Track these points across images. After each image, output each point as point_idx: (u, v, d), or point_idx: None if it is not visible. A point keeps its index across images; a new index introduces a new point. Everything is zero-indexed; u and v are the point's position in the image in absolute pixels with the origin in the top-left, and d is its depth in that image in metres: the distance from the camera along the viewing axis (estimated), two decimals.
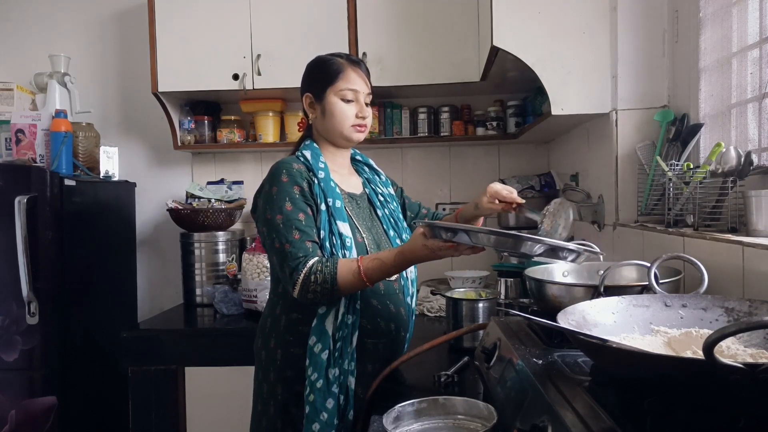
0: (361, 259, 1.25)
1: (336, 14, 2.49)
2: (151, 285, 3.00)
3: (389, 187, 1.58)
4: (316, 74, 1.45)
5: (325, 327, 1.30)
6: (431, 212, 1.68)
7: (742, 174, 1.29)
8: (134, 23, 2.93)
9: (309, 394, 1.28)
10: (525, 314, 0.91)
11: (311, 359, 1.28)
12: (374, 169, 1.59)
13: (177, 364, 2.20)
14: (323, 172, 1.37)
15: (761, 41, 1.37)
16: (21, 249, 2.14)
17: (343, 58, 1.45)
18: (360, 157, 1.59)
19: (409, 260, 1.22)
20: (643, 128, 1.79)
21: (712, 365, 0.58)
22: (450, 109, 2.73)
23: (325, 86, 1.41)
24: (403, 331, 1.42)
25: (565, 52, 1.84)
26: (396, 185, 1.66)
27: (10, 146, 2.51)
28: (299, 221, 1.29)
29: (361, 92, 1.43)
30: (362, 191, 1.51)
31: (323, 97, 1.42)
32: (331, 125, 1.42)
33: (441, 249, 1.16)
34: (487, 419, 0.91)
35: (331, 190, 1.36)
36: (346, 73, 1.41)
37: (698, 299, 0.95)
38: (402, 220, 1.54)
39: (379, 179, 1.57)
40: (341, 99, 1.40)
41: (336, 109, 1.40)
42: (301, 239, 1.27)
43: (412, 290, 1.47)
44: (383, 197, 1.52)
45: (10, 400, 2.18)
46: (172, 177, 2.98)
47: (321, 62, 1.45)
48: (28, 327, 2.19)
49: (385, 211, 1.50)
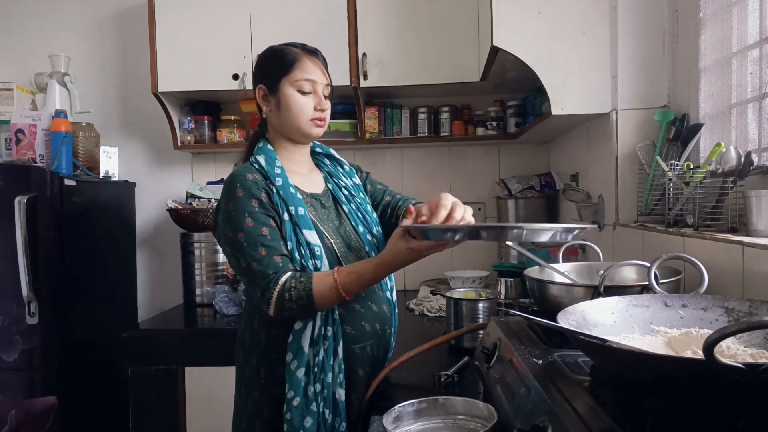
0: (337, 271, 1.18)
1: (336, 14, 2.49)
2: (151, 285, 3.00)
3: (353, 178, 1.47)
4: (270, 64, 1.35)
5: (301, 344, 1.23)
6: (396, 199, 1.52)
7: (742, 174, 1.29)
8: (134, 23, 2.93)
9: (286, 412, 1.21)
10: (525, 314, 0.91)
11: (288, 377, 1.22)
12: (336, 160, 1.48)
13: (177, 364, 2.19)
14: (280, 178, 1.28)
15: (761, 41, 1.37)
16: (21, 249, 2.14)
17: (298, 47, 1.36)
18: (320, 149, 1.48)
19: (391, 268, 1.17)
20: (643, 128, 1.79)
21: (712, 365, 0.58)
22: (450, 109, 2.73)
23: (279, 77, 1.32)
24: (388, 328, 1.36)
25: (565, 52, 1.84)
26: (361, 171, 1.54)
27: (10, 146, 2.51)
28: (263, 236, 1.21)
29: (319, 83, 1.33)
30: (324, 188, 1.41)
31: (278, 89, 1.32)
32: (288, 119, 1.32)
33: (430, 249, 1.11)
34: (487, 419, 0.91)
35: (292, 197, 1.27)
36: (302, 62, 1.32)
37: (698, 299, 0.95)
38: (371, 212, 1.43)
39: (342, 170, 1.46)
40: (297, 90, 1.31)
41: (292, 101, 1.31)
42: (268, 255, 1.20)
43: (390, 283, 1.40)
44: (348, 191, 1.42)
45: (10, 400, 2.18)
46: (172, 177, 2.98)
47: (274, 51, 1.36)
48: (28, 327, 2.19)
49: (352, 206, 1.40)
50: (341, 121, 2.70)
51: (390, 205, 1.50)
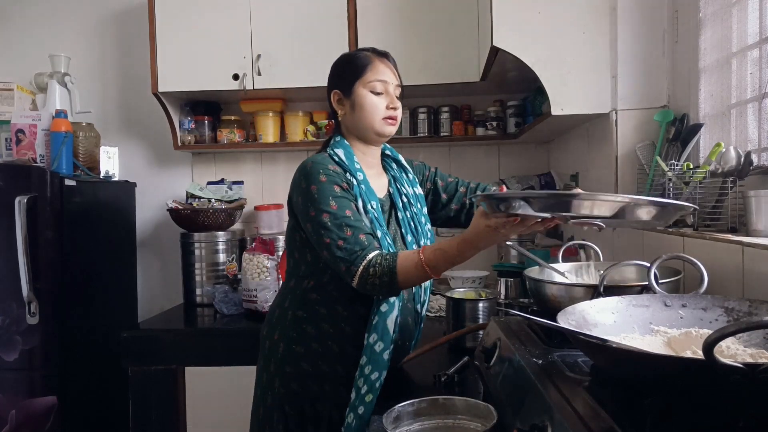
0: (423, 249, 1.18)
1: (336, 14, 2.49)
2: (151, 285, 3.00)
3: (416, 187, 1.49)
4: (344, 69, 1.40)
5: (387, 326, 1.24)
6: (471, 188, 1.54)
7: (742, 174, 1.30)
8: (134, 23, 2.93)
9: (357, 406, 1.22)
10: (525, 314, 0.91)
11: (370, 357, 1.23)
12: (402, 166, 1.50)
13: (177, 364, 2.19)
14: (361, 173, 1.32)
15: (761, 41, 1.37)
16: (21, 249, 2.14)
17: (369, 50, 1.41)
18: (389, 152, 1.51)
19: (474, 245, 1.13)
20: (643, 128, 1.79)
21: (712, 365, 0.58)
22: (450, 109, 2.73)
23: (354, 80, 1.36)
24: (408, 341, 1.37)
25: (565, 52, 1.84)
26: (428, 168, 1.57)
27: (10, 146, 2.51)
28: (347, 218, 1.23)
29: (390, 83, 1.38)
30: (386, 192, 1.44)
31: (352, 92, 1.37)
32: (362, 119, 1.36)
33: (505, 226, 1.04)
34: (487, 419, 0.91)
35: (372, 193, 1.31)
36: (374, 64, 1.37)
37: (698, 299, 0.95)
38: (423, 224, 1.44)
39: (406, 177, 1.48)
40: (371, 91, 1.35)
41: (366, 102, 1.35)
42: (354, 235, 1.22)
43: (423, 297, 1.40)
44: (407, 198, 1.43)
45: (10, 400, 2.18)
46: (172, 177, 2.98)
47: (348, 57, 1.42)
48: (28, 327, 2.19)
49: (407, 213, 1.41)
50: None
51: (466, 195, 1.53)
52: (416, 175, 1.53)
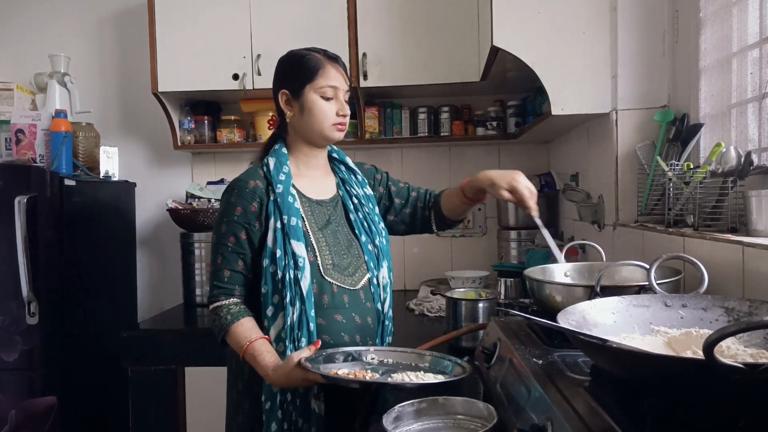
0: (253, 341, 1.23)
1: (336, 14, 2.49)
2: (151, 285, 3.00)
3: (365, 188, 1.49)
4: (293, 70, 1.38)
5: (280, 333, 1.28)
6: (422, 192, 1.57)
7: (742, 174, 1.29)
8: (134, 23, 2.92)
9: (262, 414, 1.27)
10: (525, 314, 0.91)
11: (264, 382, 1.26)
12: (351, 169, 1.50)
13: (177, 364, 2.19)
14: (282, 185, 1.32)
15: (761, 41, 1.37)
16: (21, 249, 2.14)
17: (320, 53, 1.38)
18: (336, 155, 1.51)
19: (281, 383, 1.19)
20: (643, 128, 1.79)
21: (712, 365, 0.58)
22: (450, 109, 2.72)
23: (304, 83, 1.35)
24: (370, 340, 1.36)
25: (565, 52, 1.84)
26: (379, 172, 1.58)
27: (10, 146, 2.51)
28: (226, 246, 1.31)
29: (341, 89, 1.37)
30: (335, 194, 1.44)
31: (301, 95, 1.35)
32: (311, 124, 1.36)
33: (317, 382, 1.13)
34: (487, 419, 0.91)
35: (288, 206, 1.31)
36: (326, 69, 1.35)
37: (698, 299, 0.95)
38: (377, 222, 1.45)
39: (355, 179, 1.48)
40: (321, 97, 1.35)
41: (316, 107, 1.35)
42: (221, 266, 1.31)
43: (384, 295, 1.39)
44: (357, 199, 1.44)
45: (10, 400, 2.18)
46: (172, 177, 2.98)
47: (298, 58, 1.38)
48: (28, 327, 2.19)
49: (359, 215, 1.42)
50: None
51: (418, 199, 1.56)
52: (368, 179, 1.53)
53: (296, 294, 1.26)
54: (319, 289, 1.30)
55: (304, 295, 1.26)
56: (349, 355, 1.22)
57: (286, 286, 1.26)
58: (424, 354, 1.22)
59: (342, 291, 1.32)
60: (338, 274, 1.33)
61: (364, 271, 1.37)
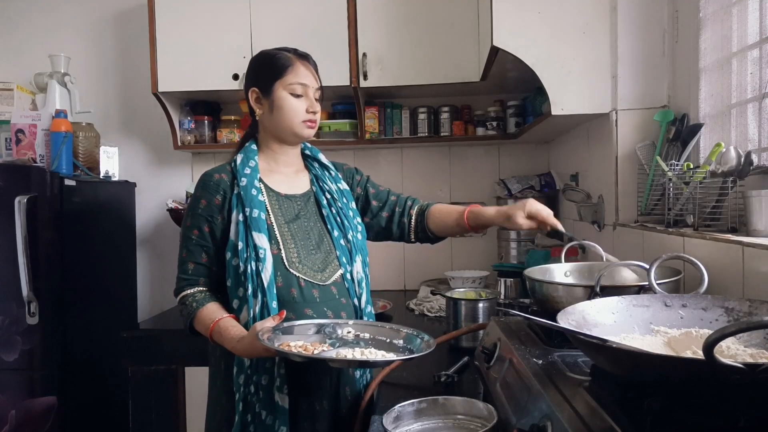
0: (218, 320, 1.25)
1: (336, 14, 2.49)
2: (151, 285, 3.00)
3: (339, 183, 1.49)
4: (263, 68, 1.40)
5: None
6: (401, 198, 1.55)
7: (742, 174, 1.30)
8: (134, 23, 2.92)
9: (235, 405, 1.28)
10: (525, 314, 0.91)
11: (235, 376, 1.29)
12: (323, 165, 1.51)
13: (177, 364, 2.19)
14: (245, 178, 1.33)
15: (761, 41, 1.37)
16: (21, 249, 2.14)
17: (290, 51, 1.40)
18: (309, 152, 1.51)
19: (245, 353, 1.20)
20: (643, 128, 1.79)
21: (712, 365, 0.58)
22: (450, 109, 2.72)
23: (273, 80, 1.36)
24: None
25: (565, 52, 1.84)
26: (359, 173, 1.57)
27: (10, 146, 2.51)
28: (190, 239, 1.33)
29: (311, 87, 1.38)
30: (308, 190, 1.45)
31: (271, 92, 1.37)
32: (281, 121, 1.37)
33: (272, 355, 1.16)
34: (487, 419, 0.91)
35: (251, 198, 1.31)
36: (295, 66, 1.37)
37: (698, 299, 0.95)
38: (351, 217, 1.45)
39: (328, 174, 1.49)
40: (290, 93, 1.36)
41: (285, 104, 1.36)
42: (186, 258, 1.33)
43: (360, 291, 1.38)
44: (330, 194, 1.44)
45: (10, 400, 2.18)
46: (172, 177, 2.98)
47: (267, 56, 1.41)
48: (28, 327, 2.19)
49: (332, 210, 1.42)
50: (341, 121, 2.70)
51: (396, 204, 1.54)
52: (346, 179, 1.53)
53: (258, 286, 1.26)
54: (285, 282, 1.29)
55: (266, 287, 1.26)
56: (323, 327, 1.23)
57: (248, 278, 1.26)
58: (400, 329, 1.23)
59: (311, 285, 1.31)
60: (306, 268, 1.32)
61: (336, 266, 1.36)
